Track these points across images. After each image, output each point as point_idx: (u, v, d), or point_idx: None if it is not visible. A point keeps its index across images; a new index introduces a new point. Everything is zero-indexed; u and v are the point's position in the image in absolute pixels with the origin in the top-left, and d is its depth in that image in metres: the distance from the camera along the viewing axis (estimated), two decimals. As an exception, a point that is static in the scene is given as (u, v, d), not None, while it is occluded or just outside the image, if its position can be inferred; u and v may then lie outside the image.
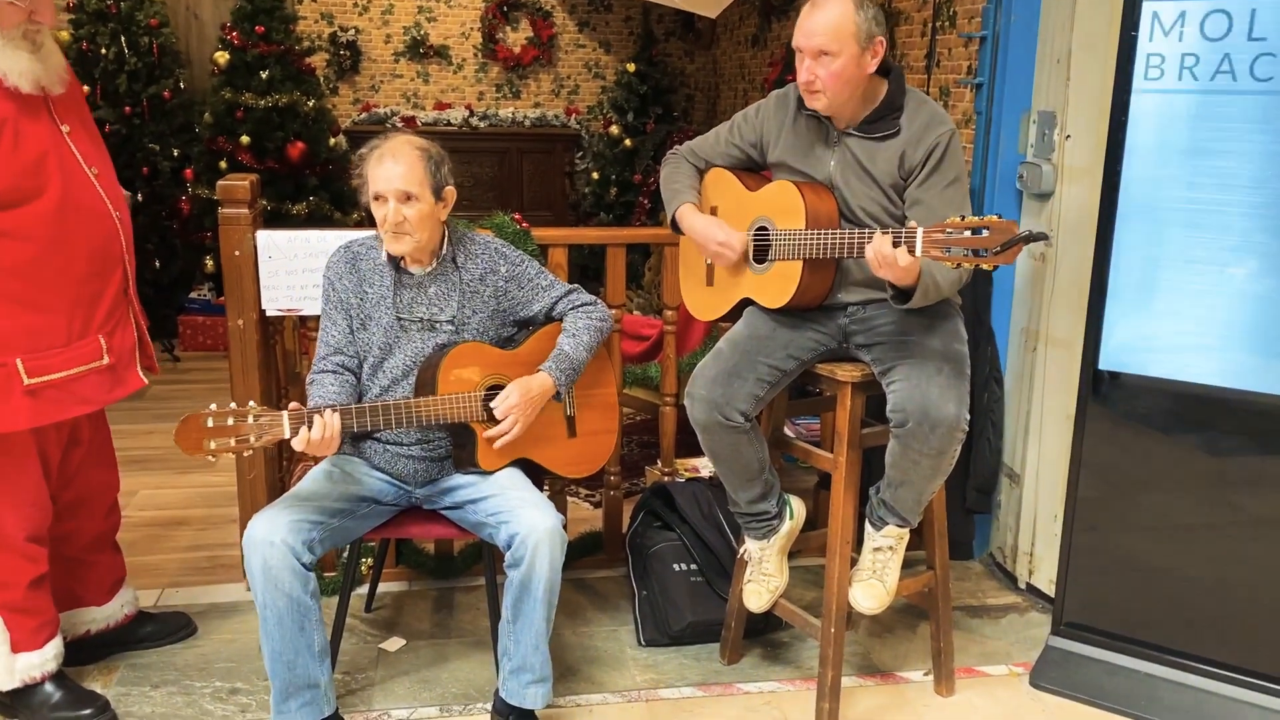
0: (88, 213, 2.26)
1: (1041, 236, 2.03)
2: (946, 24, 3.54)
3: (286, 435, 2.12)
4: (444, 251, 2.43)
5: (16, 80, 2.12)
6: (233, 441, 2.08)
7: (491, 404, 2.36)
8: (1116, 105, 2.48)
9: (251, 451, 2.14)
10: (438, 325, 2.41)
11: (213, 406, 2.09)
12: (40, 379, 2.19)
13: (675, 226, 2.53)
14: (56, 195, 2.18)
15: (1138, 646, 2.63)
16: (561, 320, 2.53)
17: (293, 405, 2.17)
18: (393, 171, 2.29)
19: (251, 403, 2.13)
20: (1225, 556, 2.51)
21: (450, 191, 2.39)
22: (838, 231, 2.24)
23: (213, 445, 2.07)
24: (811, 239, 2.26)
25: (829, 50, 2.20)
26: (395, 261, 2.41)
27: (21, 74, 2.13)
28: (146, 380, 2.45)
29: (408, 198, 2.29)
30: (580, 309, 2.52)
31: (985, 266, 1.99)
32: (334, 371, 2.39)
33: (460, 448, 2.40)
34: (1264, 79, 2.29)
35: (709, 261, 2.55)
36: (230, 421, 2.08)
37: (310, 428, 2.13)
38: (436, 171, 2.34)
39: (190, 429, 2.06)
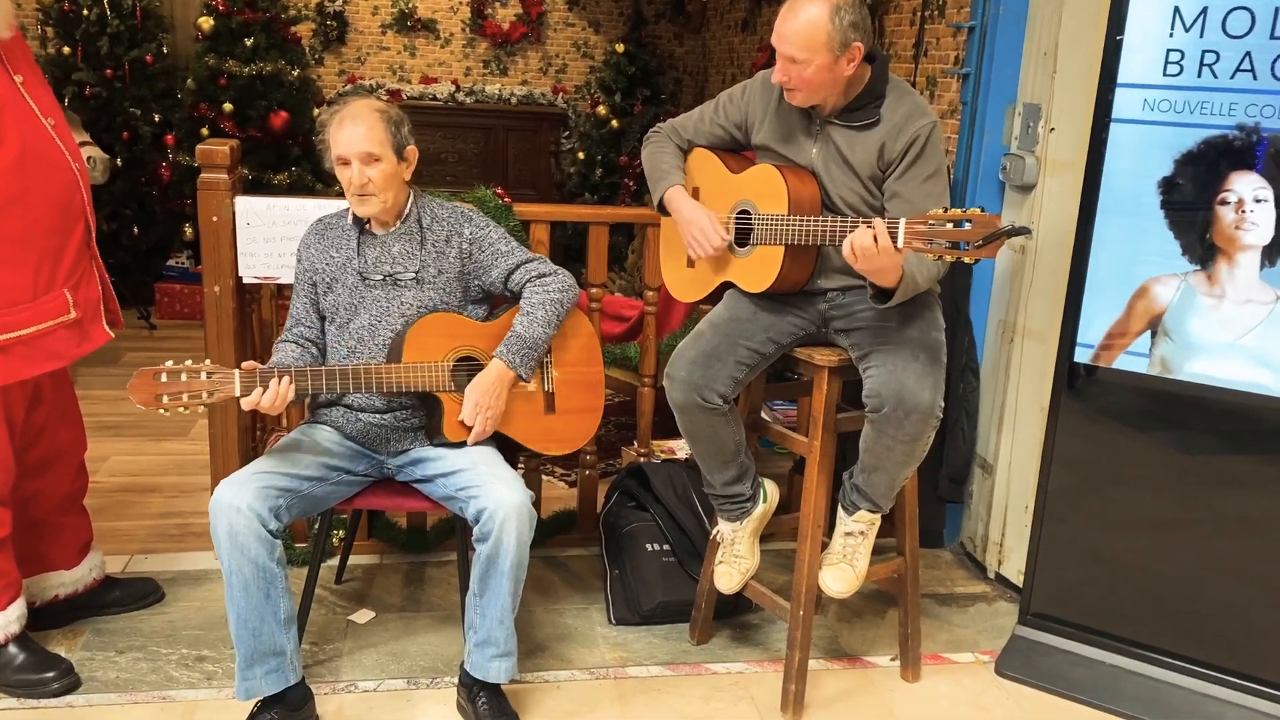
0: (48, 165, 2.23)
1: (1023, 231, 2.03)
2: (936, 13, 3.53)
3: (237, 393, 2.16)
4: (409, 212, 2.44)
5: None
6: (185, 397, 2.12)
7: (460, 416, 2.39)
8: (1101, 100, 2.49)
9: (204, 407, 2.18)
10: (401, 281, 2.41)
11: (168, 363, 2.12)
12: (10, 335, 2.18)
13: (662, 208, 2.52)
14: (15, 148, 2.16)
15: (1103, 638, 2.66)
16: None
17: (247, 364, 2.20)
18: (354, 134, 2.30)
19: (206, 360, 2.17)
20: (1192, 552, 2.54)
21: (412, 151, 2.40)
22: (821, 219, 2.24)
23: (165, 399, 2.11)
24: (794, 225, 2.26)
25: (798, 59, 2.18)
26: (361, 224, 2.43)
27: None
28: (112, 334, 2.43)
29: (371, 159, 2.31)
30: (537, 281, 2.46)
31: (966, 260, 1.99)
32: (295, 343, 2.43)
33: (430, 416, 2.41)
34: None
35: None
36: (183, 378, 2.12)
37: (264, 390, 2.16)
38: (397, 131, 2.35)
39: (144, 382, 2.10)
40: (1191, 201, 2.39)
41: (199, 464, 3.49)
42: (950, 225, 1.99)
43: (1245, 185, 2.32)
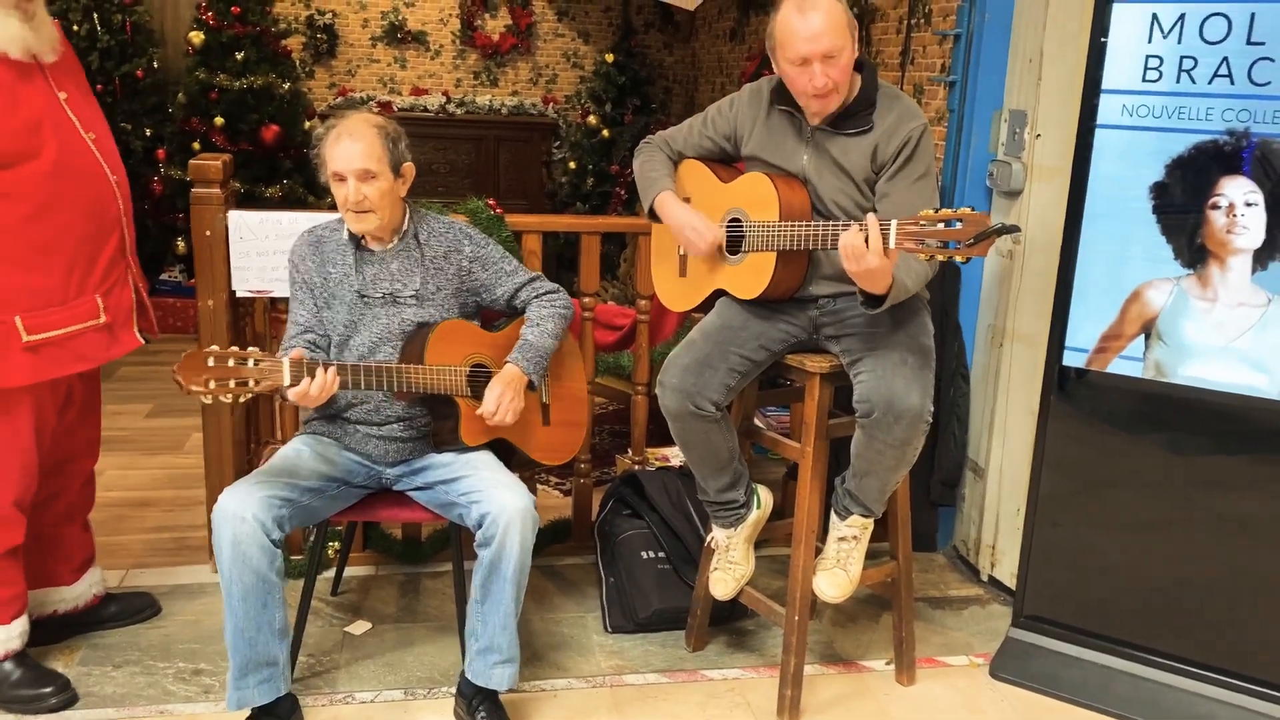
0: (84, 176, 2.29)
1: (1013, 229, 2.06)
2: (922, 21, 3.56)
3: (286, 382, 2.14)
4: (406, 228, 2.44)
5: (6, 46, 2.17)
6: (232, 383, 2.09)
7: (481, 403, 2.38)
8: (1086, 106, 2.51)
9: (249, 395, 2.13)
10: (401, 299, 2.41)
11: (214, 347, 2.10)
12: (39, 336, 2.23)
13: (653, 215, 2.54)
14: (51, 158, 2.21)
15: (1096, 639, 2.67)
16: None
17: (295, 353, 2.19)
18: (351, 150, 2.29)
19: (253, 348, 2.15)
20: (1183, 553, 2.56)
21: (409, 168, 2.40)
22: (811, 224, 2.26)
23: (213, 385, 2.07)
24: (785, 231, 2.28)
25: (835, 49, 2.17)
26: (356, 240, 2.43)
27: (12, 41, 2.17)
28: (143, 340, 2.47)
29: (368, 176, 2.30)
30: (544, 298, 2.54)
31: (958, 259, 2.01)
32: (306, 348, 2.39)
33: (444, 420, 2.41)
34: (1262, 83, 2.30)
35: (681, 251, 2.57)
36: (231, 363, 2.09)
37: (312, 379, 2.15)
38: (394, 148, 2.34)
39: (193, 365, 2.06)
40: (1182, 206, 2.41)
41: (193, 478, 3.49)
42: (941, 225, 2.01)
43: (1236, 189, 2.35)
